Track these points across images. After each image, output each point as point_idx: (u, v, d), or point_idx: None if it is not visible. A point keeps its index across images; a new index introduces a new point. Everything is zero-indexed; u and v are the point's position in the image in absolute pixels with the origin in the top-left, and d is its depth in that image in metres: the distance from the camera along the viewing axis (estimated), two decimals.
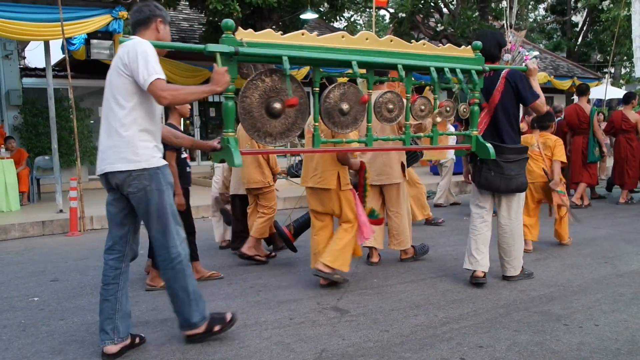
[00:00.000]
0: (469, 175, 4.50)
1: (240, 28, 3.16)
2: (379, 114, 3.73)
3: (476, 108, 4.03)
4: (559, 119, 8.73)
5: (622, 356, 2.90)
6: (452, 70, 3.80)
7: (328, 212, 4.34)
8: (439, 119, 3.93)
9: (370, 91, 3.61)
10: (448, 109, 3.97)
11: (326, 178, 4.19)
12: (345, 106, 3.53)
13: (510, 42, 7.62)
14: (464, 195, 9.99)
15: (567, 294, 4.00)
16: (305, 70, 13.67)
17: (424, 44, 3.84)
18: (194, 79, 12.81)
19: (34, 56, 22.38)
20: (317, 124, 3.49)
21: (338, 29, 18.64)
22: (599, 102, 15.31)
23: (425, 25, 15.68)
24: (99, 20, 8.17)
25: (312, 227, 4.47)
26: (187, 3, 12.01)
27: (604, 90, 12.94)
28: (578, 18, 21.12)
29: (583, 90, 8.37)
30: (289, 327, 3.42)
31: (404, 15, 15.25)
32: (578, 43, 19.23)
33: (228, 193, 5.73)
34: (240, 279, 4.63)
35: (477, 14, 15.13)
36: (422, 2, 14.97)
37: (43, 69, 9.82)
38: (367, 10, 19.25)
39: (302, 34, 3.34)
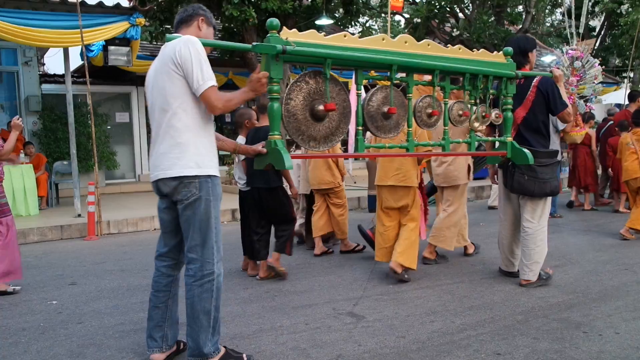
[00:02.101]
0: (495, 177, 4.61)
1: (285, 27, 3.06)
2: (419, 119, 3.73)
3: (510, 114, 4.05)
4: (610, 122, 8.79)
5: None
6: (486, 76, 3.84)
7: (400, 207, 4.57)
8: (476, 125, 3.95)
9: (411, 95, 3.59)
10: (482, 114, 3.97)
11: (409, 177, 4.49)
12: (387, 109, 3.51)
13: (579, 50, 7.74)
14: (480, 201, 9.92)
15: (586, 301, 3.94)
16: None
17: (459, 49, 3.83)
18: None
19: (53, 63, 22.68)
20: (360, 127, 3.43)
21: (353, 35, 18.65)
22: (618, 107, 15.11)
23: (440, 31, 15.64)
24: (117, 27, 8.28)
25: (382, 223, 4.66)
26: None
27: (623, 95, 12.77)
28: (596, 22, 20.92)
29: (634, 97, 8.55)
30: (305, 332, 3.42)
31: (419, 20, 15.24)
32: (596, 47, 19.03)
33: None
34: (256, 283, 4.64)
35: (492, 18, 15.05)
36: (438, 7, 14.93)
37: (62, 76, 9.97)
38: (382, 15, 19.25)
39: (344, 36, 3.29)
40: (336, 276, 4.80)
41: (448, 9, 15.25)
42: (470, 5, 15.71)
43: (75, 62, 11.41)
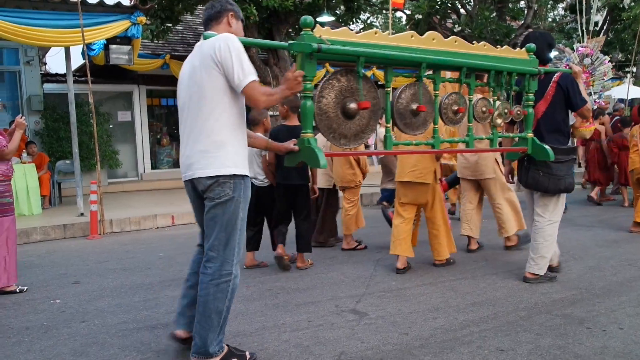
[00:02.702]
0: (510, 176, 4.73)
1: (318, 26, 3.05)
2: (444, 115, 3.76)
3: (531, 110, 4.10)
4: (616, 118, 8.80)
5: None
6: (509, 73, 3.91)
7: (419, 204, 4.78)
8: (499, 121, 4.00)
9: (437, 92, 3.66)
10: (506, 110, 4.02)
11: (426, 174, 4.61)
12: (416, 107, 3.56)
13: (589, 48, 7.83)
14: None
15: (589, 296, 3.93)
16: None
17: (484, 45, 3.88)
18: None
19: (55, 62, 22.77)
20: (389, 125, 3.49)
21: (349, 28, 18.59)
22: (621, 102, 15.08)
23: (442, 27, 15.60)
24: (118, 26, 8.29)
25: (399, 216, 4.80)
26: (204, 8, 12.11)
27: (627, 90, 12.74)
28: (598, 17, 20.81)
29: None
30: (308, 330, 3.41)
31: (420, 16, 15.19)
32: None
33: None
34: (258, 281, 4.64)
35: (494, 14, 14.99)
36: (439, 3, 14.89)
37: (64, 75, 9.99)
38: (384, 12, 19.19)
39: (375, 33, 3.31)
40: (339, 273, 4.80)
41: (449, 5, 15.20)
42: (472, 0, 15.65)
43: (77, 61, 11.45)
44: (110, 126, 12.26)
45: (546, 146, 4.06)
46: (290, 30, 12.16)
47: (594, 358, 2.88)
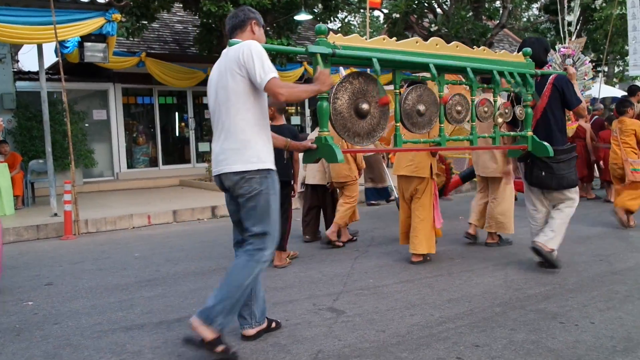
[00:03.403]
0: (517, 171, 4.95)
1: (331, 32, 3.34)
2: (449, 115, 3.97)
3: (530, 110, 4.33)
4: (595, 117, 9.05)
5: (618, 354, 2.90)
6: (510, 74, 4.15)
7: (411, 193, 4.97)
8: (500, 120, 4.24)
9: (442, 93, 3.87)
10: (507, 110, 4.27)
11: (421, 168, 4.84)
12: (422, 107, 3.81)
13: (570, 48, 8.11)
14: (460, 195, 10.01)
15: (562, 292, 4.00)
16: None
17: (484, 50, 4.18)
18: (188, 81, 12.82)
19: (28, 59, 22.29)
20: (398, 124, 3.73)
21: (332, 30, 18.65)
22: (593, 101, 15.36)
23: (419, 26, 15.71)
24: (92, 23, 8.15)
25: (403, 210, 5.09)
26: (181, 5, 11.99)
27: (598, 89, 12.98)
28: (571, 17, 21.18)
29: (634, 91, 8.86)
30: (285, 329, 3.41)
31: (398, 15, 15.28)
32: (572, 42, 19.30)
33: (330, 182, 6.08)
34: None
35: (470, 13, 15.16)
36: (416, 2, 14.99)
37: (36, 73, 9.78)
38: (361, 11, 19.25)
39: (383, 39, 3.62)
40: (317, 272, 4.80)
41: (426, 5, 15.32)
42: (448, 0, 15.79)
43: (51, 58, 11.23)
44: (86, 125, 12.07)
45: (545, 143, 4.27)
46: (268, 28, 12.11)
47: (567, 352, 2.94)
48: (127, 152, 13.18)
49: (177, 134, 14.26)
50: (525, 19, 25.71)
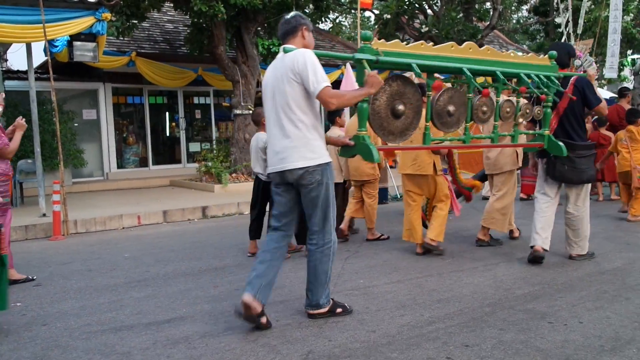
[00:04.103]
0: (535, 168, 5.14)
1: (375, 39, 3.58)
2: (475, 115, 4.27)
3: (549, 111, 4.62)
4: (594, 119, 9.27)
5: (606, 353, 2.93)
6: (536, 76, 4.42)
7: (423, 194, 5.31)
8: (521, 120, 4.56)
9: (471, 95, 4.16)
10: (528, 110, 4.56)
11: (424, 166, 5.08)
12: (451, 108, 4.09)
13: (578, 50, 8.38)
14: None
15: (551, 292, 4.03)
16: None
17: (512, 54, 4.46)
18: (179, 80, 12.78)
19: (16, 58, 22.14)
20: (428, 124, 4.05)
21: (323, 30, 18.65)
22: None
23: (410, 27, 15.76)
24: (82, 22, 8.10)
25: (407, 206, 5.36)
26: (172, 5, 11.95)
27: None
28: (560, 19, 21.32)
29: (624, 93, 9.17)
30: (275, 329, 3.41)
31: (388, 16, 15.31)
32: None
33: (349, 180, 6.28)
34: (226, 281, 4.61)
35: (461, 15, 15.22)
36: (407, 3, 15.03)
37: (25, 72, 9.69)
38: (352, 11, 19.28)
39: (421, 44, 3.89)
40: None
41: (417, 6, 15.35)
42: (439, 1, 15.85)
43: (40, 57, 11.14)
44: (75, 124, 11.98)
45: (560, 143, 4.55)
46: (259, 28, 12.10)
47: (556, 352, 2.96)
48: (117, 152, 13.10)
49: (167, 134, 14.20)
50: (515, 21, 25.87)
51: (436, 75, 4.20)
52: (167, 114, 14.10)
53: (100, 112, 12.81)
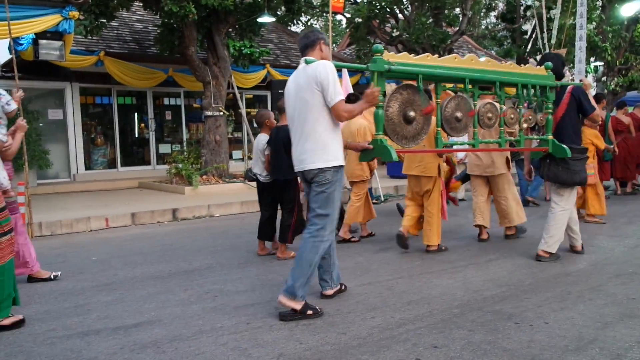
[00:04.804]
0: (530, 174, 5.57)
1: (386, 51, 3.88)
2: (481, 121, 4.65)
3: (550, 117, 4.95)
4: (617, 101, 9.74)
5: (570, 352, 3.00)
6: (532, 86, 4.78)
7: (423, 193, 5.51)
8: (525, 126, 4.93)
9: (476, 102, 4.56)
10: (530, 117, 4.95)
11: (429, 168, 5.38)
12: (459, 114, 4.44)
13: None
14: None
15: (518, 293, 4.11)
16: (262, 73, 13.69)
17: (510, 64, 4.86)
18: (149, 81, 12.60)
19: None
20: (439, 129, 4.39)
21: (296, 33, 18.65)
22: None
23: (381, 31, 15.88)
24: (48, 20, 7.92)
25: (407, 204, 5.68)
26: (141, 4, 11.79)
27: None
28: (527, 26, 21.80)
29: (598, 98, 9.49)
30: (246, 332, 3.39)
31: (360, 20, 15.40)
32: (527, 50, 19.84)
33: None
34: (196, 284, 4.56)
35: (431, 20, 15.41)
36: (378, 7, 15.14)
37: None
38: (324, 15, 19.36)
39: (427, 57, 4.21)
40: (278, 275, 4.79)
41: (388, 10, 15.48)
42: (410, 6, 16.02)
43: (4, 56, 10.85)
44: (41, 125, 11.71)
45: (564, 145, 4.85)
46: (231, 30, 12.03)
47: (522, 352, 3.02)
48: (85, 153, 12.83)
49: (136, 135, 13.98)
50: (483, 27, 26.34)
51: (446, 85, 4.56)
52: (136, 114, 13.88)
53: (67, 112, 12.53)
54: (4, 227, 3.58)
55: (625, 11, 17.10)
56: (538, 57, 11.20)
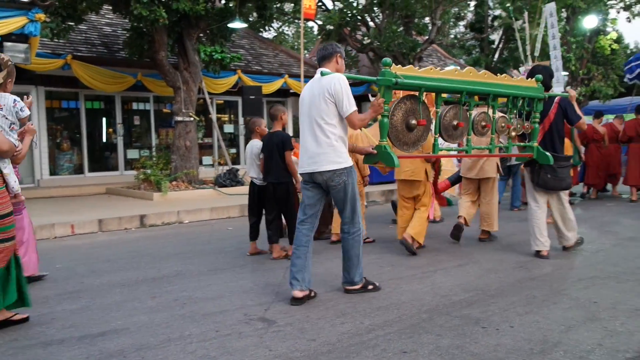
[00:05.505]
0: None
1: (393, 65, 4.16)
2: (476, 130, 4.99)
3: (537, 126, 5.31)
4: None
5: (535, 355, 3.06)
6: (523, 97, 5.13)
7: (413, 196, 5.83)
8: (513, 134, 5.26)
9: (471, 111, 4.85)
10: (519, 126, 5.25)
11: (418, 173, 5.69)
12: (456, 123, 4.75)
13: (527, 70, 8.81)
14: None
15: (485, 297, 4.18)
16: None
17: (504, 76, 5.12)
18: (117, 85, 12.42)
19: None
20: (437, 136, 4.70)
21: (267, 39, 18.66)
22: None
23: (352, 38, 16.01)
24: (13, 22, 7.77)
25: (400, 207, 5.97)
26: (111, 8, 11.63)
27: None
28: (495, 36, 22.27)
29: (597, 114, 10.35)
30: (215, 340, 3.36)
31: (331, 27, 15.50)
32: (495, 59, 20.24)
33: None
34: (165, 291, 4.50)
35: (401, 28, 15.61)
36: (349, 15, 15.27)
37: None
38: (296, 21, 19.42)
39: (430, 69, 4.53)
40: (248, 281, 4.77)
41: (359, 18, 15.62)
42: (381, 15, 16.20)
43: None
44: None
45: (547, 153, 5.23)
46: (202, 35, 11.96)
47: (489, 355, 3.07)
48: (50, 158, 12.54)
49: (104, 140, 13.74)
50: (452, 36, 26.77)
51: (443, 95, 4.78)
52: (104, 119, 13.65)
53: (32, 116, 12.21)
54: (7, 233, 3.65)
55: (588, 23, 17.61)
56: (520, 69, 11.56)
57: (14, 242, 3.72)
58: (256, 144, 5.84)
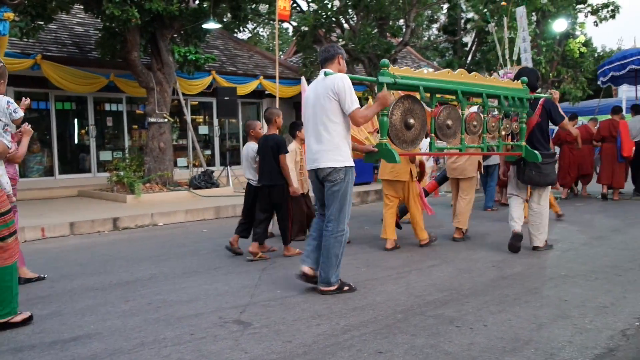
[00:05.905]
0: (505, 174, 6.08)
1: (391, 65, 4.39)
2: (467, 129, 5.19)
3: (524, 126, 5.57)
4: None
5: (507, 353, 3.12)
6: (511, 97, 5.35)
7: (398, 197, 6.10)
8: (503, 133, 5.53)
9: (464, 111, 5.03)
10: (508, 125, 5.51)
11: (401, 174, 5.92)
12: (450, 122, 4.97)
13: (513, 73, 9.23)
14: (365, 205, 10.28)
15: (459, 297, 4.23)
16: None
17: (494, 79, 5.47)
18: (89, 86, 12.21)
19: None
20: (432, 134, 4.93)
21: (242, 40, 18.58)
22: None
23: (327, 40, 16.03)
24: None
25: (384, 206, 6.17)
26: (82, 7, 11.43)
27: None
28: (468, 39, 22.58)
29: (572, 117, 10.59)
30: (190, 343, 3.33)
31: (306, 29, 15.50)
32: (468, 62, 20.52)
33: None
34: (138, 295, 4.44)
35: (376, 30, 15.69)
36: (324, 17, 15.30)
37: None
38: (271, 22, 19.37)
39: (425, 71, 4.78)
40: (223, 284, 4.74)
41: (334, 19, 15.67)
42: (355, 16, 16.27)
43: None
44: None
45: (535, 151, 5.50)
46: (175, 35, 11.85)
47: (462, 354, 3.11)
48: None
49: (76, 142, 13.48)
50: (426, 38, 27.06)
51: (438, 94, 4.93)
52: (75, 120, 13.41)
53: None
54: (10, 229, 3.71)
55: (557, 27, 17.98)
56: (500, 72, 11.87)
57: (15, 238, 3.77)
58: (252, 146, 5.94)
